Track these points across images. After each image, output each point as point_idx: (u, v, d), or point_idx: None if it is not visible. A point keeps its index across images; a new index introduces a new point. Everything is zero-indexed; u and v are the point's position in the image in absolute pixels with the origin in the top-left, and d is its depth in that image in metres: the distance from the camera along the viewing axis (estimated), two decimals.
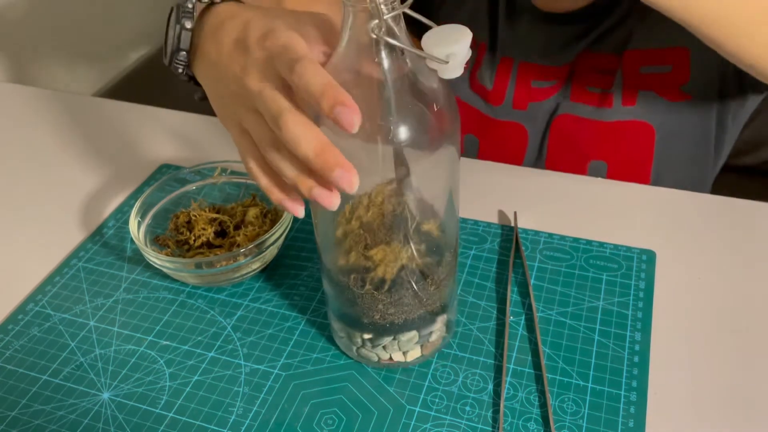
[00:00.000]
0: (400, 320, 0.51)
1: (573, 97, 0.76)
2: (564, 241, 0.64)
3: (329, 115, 0.39)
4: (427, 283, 0.51)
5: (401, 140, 0.43)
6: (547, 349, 0.55)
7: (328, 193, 0.42)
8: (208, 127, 0.84)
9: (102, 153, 0.80)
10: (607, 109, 0.74)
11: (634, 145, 0.76)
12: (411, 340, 0.53)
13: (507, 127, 0.80)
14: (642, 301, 0.59)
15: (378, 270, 0.49)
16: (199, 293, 0.62)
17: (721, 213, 0.67)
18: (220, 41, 0.49)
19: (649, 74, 0.73)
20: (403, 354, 0.54)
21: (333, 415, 0.52)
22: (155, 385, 0.55)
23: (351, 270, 0.50)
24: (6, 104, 0.92)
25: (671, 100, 0.73)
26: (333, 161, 0.40)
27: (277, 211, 0.65)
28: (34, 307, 0.62)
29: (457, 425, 0.51)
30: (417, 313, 0.51)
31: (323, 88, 0.39)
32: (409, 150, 0.44)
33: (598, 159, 0.77)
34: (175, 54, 0.53)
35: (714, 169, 0.82)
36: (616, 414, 0.50)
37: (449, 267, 0.52)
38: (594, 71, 0.75)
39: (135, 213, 0.63)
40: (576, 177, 0.74)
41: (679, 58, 0.72)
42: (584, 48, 0.75)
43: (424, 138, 0.44)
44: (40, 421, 0.53)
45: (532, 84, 0.77)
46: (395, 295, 0.50)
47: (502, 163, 0.76)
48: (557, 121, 0.77)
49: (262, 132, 0.44)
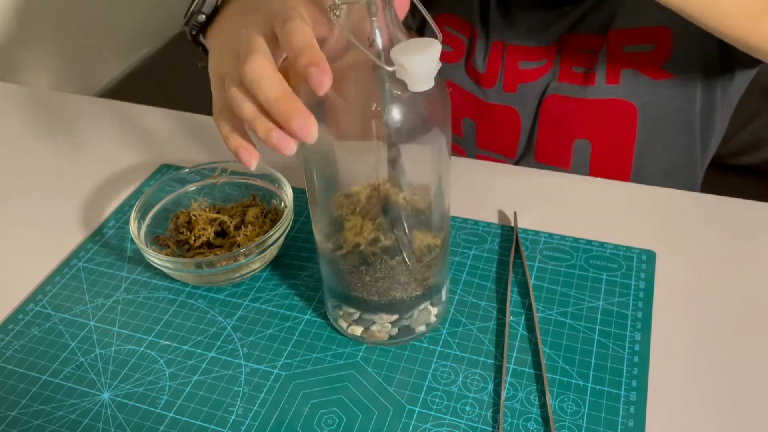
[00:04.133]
0: (386, 299, 0.53)
1: (560, 77, 0.77)
2: (564, 241, 0.64)
3: (302, 73, 0.40)
4: (416, 263, 0.52)
5: (393, 122, 0.44)
6: (547, 349, 0.55)
7: (287, 137, 0.41)
8: (208, 127, 0.84)
9: (102, 153, 0.80)
10: (591, 87, 0.76)
11: (616, 125, 0.77)
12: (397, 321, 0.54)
13: (500, 111, 0.81)
14: (642, 301, 0.59)
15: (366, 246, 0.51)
16: (199, 293, 0.62)
17: (721, 213, 0.67)
18: (240, 5, 0.51)
19: (632, 53, 0.74)
20: (387, 333, 0.55)
21: (333, 415, 0.52)
22: (155, 385, 0.55)
23: (342, 246, 0.52)
24: (6, 104, 0.92)
25: (654, 79, 0.74)
26: (293, 108, 0.40)
27: (277, 211, 0.65)
28: (34, 307, 0.62)
29: (457, 425, 0.51)
30: (404, 293, 0.53)
31: (304, 45, 0.40)
32: (400, 132, 0.45)
33: (583, 138, 0.78)
34: (194, 16, 0.54)
35: (702, 161, 0.83)
36: (616, 414, 0.51)
37: (439, 250, 0.53)
38: (579, 51, 0.77)
39: (135, 213, 0.63)
40: (576, 177, 0.74)
41: (661, 37, 0.73)
42: (569, 28, 0.77)
43: (416, 121, 0.45)
44: (40, 421, 0.53)
45: (520, 65, 0.79)
46: (382, 272, 0.51)
47: (502, 163, 0.76)
48: (546, 102, 0.78)
49: (232, 74, 0.44)
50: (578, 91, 0.76)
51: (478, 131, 0.85)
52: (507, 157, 0.84)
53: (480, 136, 0.85)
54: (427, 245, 0.52)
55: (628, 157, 0.79)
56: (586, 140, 0.78)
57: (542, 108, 0.79)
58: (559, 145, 0.80)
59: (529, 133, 0.81)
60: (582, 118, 0.77)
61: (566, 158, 0.80)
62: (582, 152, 0.79)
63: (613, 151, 0.79)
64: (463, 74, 0.83)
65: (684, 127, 0.78)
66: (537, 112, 0.79)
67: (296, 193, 0.70)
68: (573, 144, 0.79)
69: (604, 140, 0.78)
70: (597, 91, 0.76)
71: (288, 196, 0.64)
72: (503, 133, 0.83)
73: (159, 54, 1.51)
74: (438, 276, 0.55)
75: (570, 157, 0.80)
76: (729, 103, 0.80)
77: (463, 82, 0.83)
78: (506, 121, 0.82)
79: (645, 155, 0.79)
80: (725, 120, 0.82)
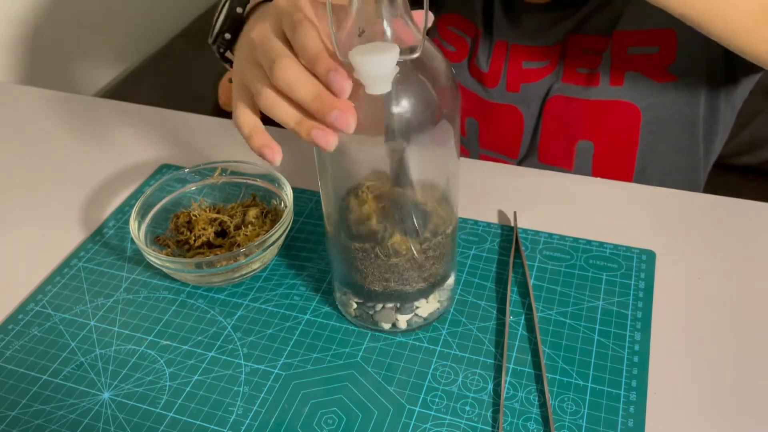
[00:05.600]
0: (393, 287, 0.53)
1: (564, 78, 0.77)
2: (564, 241, 0.64)
3: (323, 80, 0.42)
4: (423, 252, 0.52)
5: (403, 112, 0.45)
6: (547, 349, 0.55)
7: (325, 133, 0.44)
8: (208, 127, 0.84)
9: (102, 153, 0.80)
10: (595, 88, 0.76)
11: (619, 127, 0.77)
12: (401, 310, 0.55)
13: (503, 110, 0.81)
14: (642, 301, 0.59)
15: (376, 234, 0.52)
16: (199, 293, 0.62)
17: (721, 213, 0.67)
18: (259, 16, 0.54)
19: (636, 55, 0.74)
20: (392, 324, 0.56)
21: (333, 415, 0.52)
22: (155, 385, 0.55)
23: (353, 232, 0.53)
24: (6, 104, 0.92)
25: (658, 81, 0.74)
26: (330, 103, 0.42)
27: (277, 211, 0.65)
28: (34, 307, 0.62)
29: (457, 425, 0.51)
30: (411, 282, 0.54)
31: (316, 53, 0.43)
32: (411, 122, 0.46)
33: (586, 139, 0.79)
34: (221, 35, 0.58)
35: (705, 164, 0.83)
36: (616, 414, 0.51)
37: (446, 239, 0.54)
38: (583, 52, 0.77)
39: (135, 213, 0.63)
40: (576, 177, 0.74)
41: (666, 40, 0.73)
42: (573, 29, 0.77)
43: (426, 112, 0.46)
44: (40, 420, 0.53)
45: (523, 65, 0.79)
46: (390, 260, 0.52)
47: (502, 164, 0.76)
48: (550, 103, 0.78)
49: (260, 81, 0.47)
50: (582, 92, 0.76)
51: (481, 131, 0.85)
52: (510, 157, 0.84)
53: (483, 135, 0.85)
54: (435, 233, 0.53)
55: (630, 159, 0.79)
56: (589, 141, 0.78)
57: (545, 108, 0.79)
58: (562, 146, 0.80)
59: (532, 134, 0.81)
60: (585, 119, 0.77)
61: (569, 159, 0.80)
62: (585, 153, 0.79)
63: (616, 153, 0.79)
64: (466, 74, 0.83)
65: (687, 130, 0.78)
66: (540, 113, 0.80)
67: (296, 193, 0.70)
68: (576, 145, 0.79)
69: (607, 142, 0.78)
70: (600, 93, 0.75)
71: (288, 196, 0.64)
72: (506, 133, 0.83)
73: (159, 54, 1.51)
74: (445, 265, 0.55)
75: (573, 158, 0.80)
76: (733, 107, 0.80)
77: (466, 81, 0.83)
78: (509, 121, 0.82)
79: (648, 157, 0.79)
80: (729, 124, 0.82)
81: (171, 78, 1.43)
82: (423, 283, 0.54)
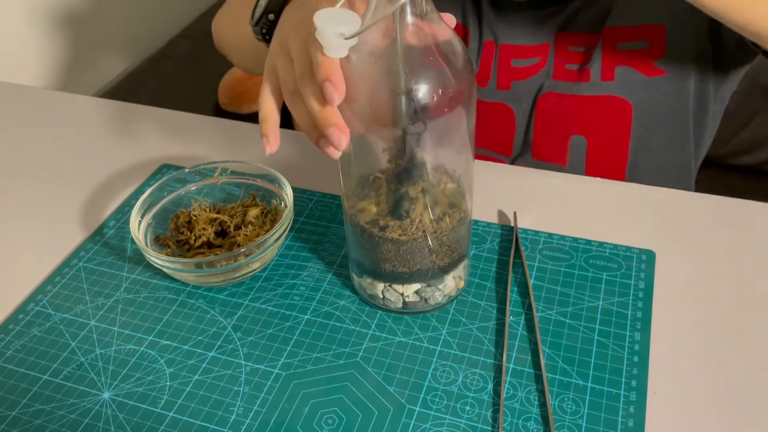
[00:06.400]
0: (409, 268, 0.55)
1: (554, 75, 0.78)
2: (564, 241, 0.65)
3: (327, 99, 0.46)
4: (440, 234, 0.54)
5: (421, 95, 0.47)
6: (547, 349, 0.55)
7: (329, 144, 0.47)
8: (208, 127, 0.84)
9: (102, 153, 0.80)
10: (585, 84, 0.76)
11: (611, 122, 0.78)
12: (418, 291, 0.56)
13: (495, 109, 0.82)
14: (641, 301, 0.59)
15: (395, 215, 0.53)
16: (200, 293, 0.62)
17: (721, 213, 0.67)
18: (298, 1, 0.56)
19: (626, 50, 0.75)
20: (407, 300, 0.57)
21: (333, 414, 0.52)
22: (156, 385, 0.55)
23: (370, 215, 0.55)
24: (6, 104, 0.92)
25: (648, 76, 0.75)
26: (331, 119, 0.46)
27: (277, 211, 0.65)
28: (34, 307, 0.62)
29: (456, 425, 0.51)
30: (426, 263, 0.55)
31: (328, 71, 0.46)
32: (424, 109, 0.48)
33: (578, 134, 0.79)
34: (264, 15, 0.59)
35: (695, 156, 0.84)
36: (616, 414, 0.51)
37: (460, 221, 0.55)
38: (573, 49, 0.77)
39: (135, 213, 0.63)
40: (576, 177, 0.74)
41: (655, 35, 0.74)
42: (561, 26, 0.77)
43: (443, 96, 0.48)
44: (40, 420, 0.53)
45: (513, 63, 0.80)
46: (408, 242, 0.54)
47: (502, 164, 0.76)
48: (541, 100, 0.79)
49: (289, 75, 0.50)
50: (573, 88, 0.77)
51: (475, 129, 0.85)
52: (503, 155, 0.84)
53: (476, 134, 0.85)
54: (450, 217, 0.54)
55: (623, 153, 0.79)
56: (581, 137, 0.79)
57: (537, 105, 0.79)
58: (555, 142, 0.80)
59: (525, 131, 0.82)
60: (577, 114, 0.78)
61: (563, 155, 0.80)
62: (578, 149, 0.79)
63: (608, 147, 0.79)
64: None
65: (678, 123, 0.79)
66: (532, 110, 0.80)
67: (296, 193, 0.70)
68: (569, 141, 0.79)
69: (600, 136, 0.79)
70: (591, 88, 0.76)
71: (288, 196, 0.64)
72: (499, 130, 0.83)
73: (159, 54, 1.51)
74: (459, 249, 0.56)
75: (566, 153, 0.80)
76: (722, 100, 0.81)
77: None
78: (501, 118, 0.82)
79: (640, 151, 0.79)
80: (718, 117, 0.83)
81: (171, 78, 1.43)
82: (445, 260, 0.56)
